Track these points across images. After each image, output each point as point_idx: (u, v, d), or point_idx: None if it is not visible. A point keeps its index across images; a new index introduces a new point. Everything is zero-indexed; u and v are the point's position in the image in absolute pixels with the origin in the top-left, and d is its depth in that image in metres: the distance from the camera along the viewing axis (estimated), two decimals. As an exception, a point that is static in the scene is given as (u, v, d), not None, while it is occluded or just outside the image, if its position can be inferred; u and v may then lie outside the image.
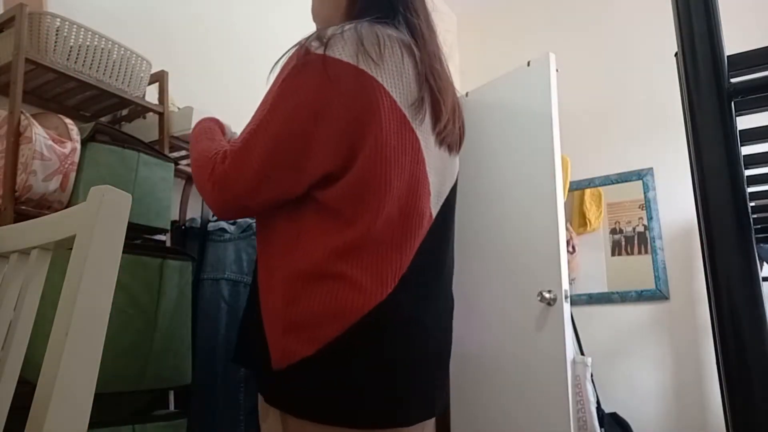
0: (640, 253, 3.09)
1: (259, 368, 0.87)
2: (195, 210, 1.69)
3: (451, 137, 1.01)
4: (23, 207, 1.20)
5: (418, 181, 0.91)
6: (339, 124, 0.85)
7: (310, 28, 2.72)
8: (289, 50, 0.94)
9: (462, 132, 1.07)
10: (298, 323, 0.83)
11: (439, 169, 0.99)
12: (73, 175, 1.24)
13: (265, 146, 0.86)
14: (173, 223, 1.58)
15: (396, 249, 0.88)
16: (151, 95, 1.59)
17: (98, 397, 0.67)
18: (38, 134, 1.20)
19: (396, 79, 0.89)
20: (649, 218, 3.07)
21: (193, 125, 1.57)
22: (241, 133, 0.93)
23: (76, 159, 1.25)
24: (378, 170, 0.86)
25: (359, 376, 0.82)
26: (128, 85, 1.46)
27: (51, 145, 1.21)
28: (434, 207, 0.98)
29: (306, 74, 0.87)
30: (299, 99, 0.86)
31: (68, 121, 1.29)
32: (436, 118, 0.97)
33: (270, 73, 0.98)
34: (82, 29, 1.35)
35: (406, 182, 0.89)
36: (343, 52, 0.86)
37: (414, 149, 0.91)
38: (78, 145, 1.26)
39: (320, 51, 0.86)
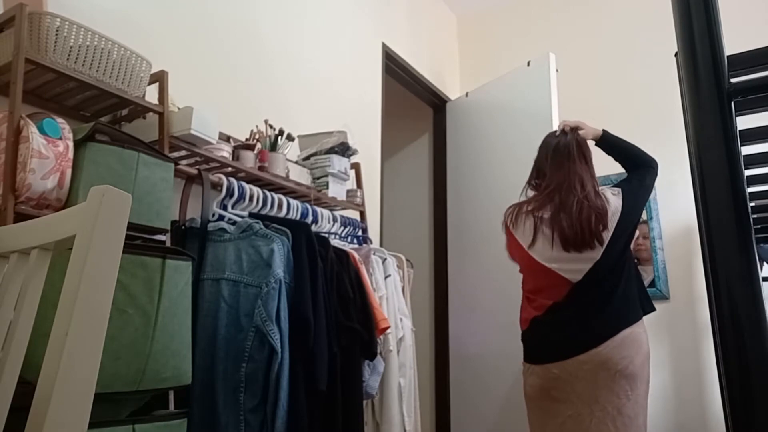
0: (640, 253, 3.09)
1: None
2: (195, 210, 1.69)
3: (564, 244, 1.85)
4: (23, 206, 1.20)
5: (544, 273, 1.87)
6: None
7: (305, 28, 2.72)
8: None
9: (583, 236, 1.81)
10: None
11: (566, 263, 1.84)
12: (69, 172, 1.25)
13: None
14: (173, 223, 1.58)
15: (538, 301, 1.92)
16: (151, 95, 1.59)
17: (98, 397, 0.67)
18: (35, 133, 1.20)
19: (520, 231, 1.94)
20: (649, 218, 3.07)
21: (192, 125, 1.58)
22: None
23: (71, 156, 1.25)
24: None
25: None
26: (128, 85, 1.46)
27: (46, 143, 1.21)
28: (574, 278, 1.83)
29: None
30: None
31: (61, 120, 1.29)
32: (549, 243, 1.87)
33: None
34: (82, 29, 1.35)
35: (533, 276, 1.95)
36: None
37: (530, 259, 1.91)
38: (70, 143, 1.26)
39: None
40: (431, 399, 3.38)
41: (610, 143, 2.05)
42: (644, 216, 3.10)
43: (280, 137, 2.01)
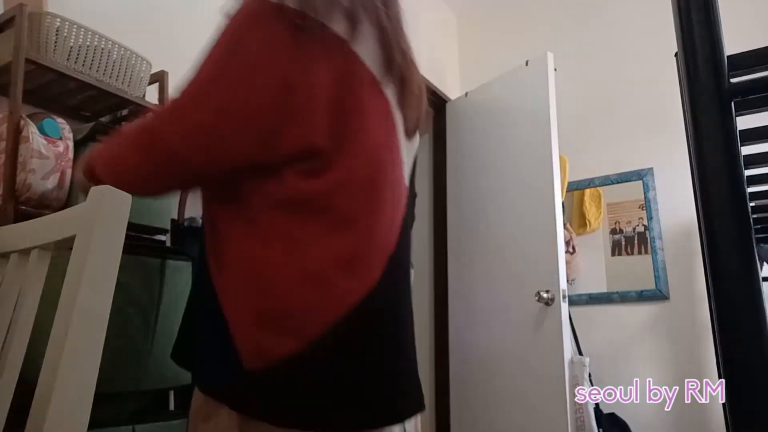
0: (640, 253, 3.09)
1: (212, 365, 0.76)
2: (194, 210, 1.68)
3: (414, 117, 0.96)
4: (23, 207, 1.20)
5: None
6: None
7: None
8: None
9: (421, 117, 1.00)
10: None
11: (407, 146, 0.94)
12: (69, 172, 1.25)
13: None
14: (171, 221, 1.58)
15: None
16: (151, 95, 1.59)
17: (98, 397, 0.67)
18: (35, 133, 1.20)
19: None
20: (649, 218, 3.07)
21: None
22: None
23: (71, 156, 1.26)
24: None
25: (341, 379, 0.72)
26: (128, 85, 1.46)
27: (47, 143, 1.21)
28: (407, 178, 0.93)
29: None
30: None
31: (61, 120, 1.29)
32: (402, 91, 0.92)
33: None
34: (82, 29, 1.35)
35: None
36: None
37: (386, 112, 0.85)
38: (70, 143, 1.26)
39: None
40: (431, 399, 3.38)
41: None
42: (644, 216, 3.11)
43: (280, 137, 2.01)
